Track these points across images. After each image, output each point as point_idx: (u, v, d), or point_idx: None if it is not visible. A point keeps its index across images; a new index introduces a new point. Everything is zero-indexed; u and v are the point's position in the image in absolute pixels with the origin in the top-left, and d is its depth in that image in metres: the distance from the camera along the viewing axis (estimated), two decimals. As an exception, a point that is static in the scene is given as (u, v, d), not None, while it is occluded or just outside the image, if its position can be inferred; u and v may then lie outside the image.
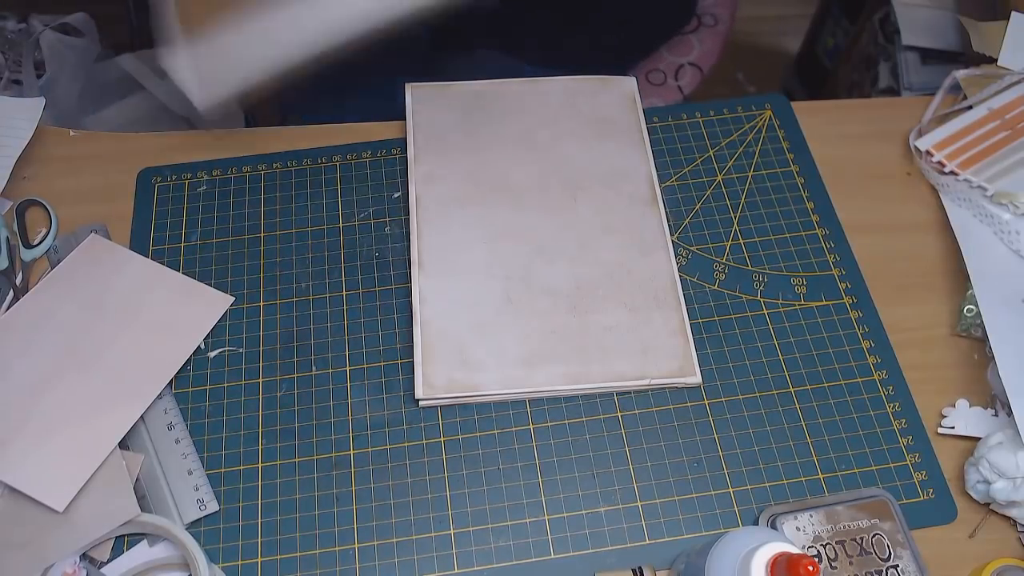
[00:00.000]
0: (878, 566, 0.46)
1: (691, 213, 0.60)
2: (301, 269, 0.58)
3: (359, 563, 0.48)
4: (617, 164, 0.61)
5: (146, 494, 0.49)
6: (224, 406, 0.52)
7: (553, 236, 0.58)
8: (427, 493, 0.50)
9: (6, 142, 0.60)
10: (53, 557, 0.46)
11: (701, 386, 0.53)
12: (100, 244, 0.57)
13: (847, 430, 0.51)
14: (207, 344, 0.55)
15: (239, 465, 0.51)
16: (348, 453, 0.51)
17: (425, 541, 0.48)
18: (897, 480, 0.50)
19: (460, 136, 0.62)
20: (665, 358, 0.53)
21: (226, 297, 0.56)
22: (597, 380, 0.52)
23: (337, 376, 0.53)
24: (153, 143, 0.63)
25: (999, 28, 0.68)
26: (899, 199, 0.61)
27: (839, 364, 0.54)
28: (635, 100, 0.65)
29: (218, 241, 0.59)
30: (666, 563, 0.47)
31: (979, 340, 0.55)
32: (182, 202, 0.60)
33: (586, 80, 0.65)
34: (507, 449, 0.51)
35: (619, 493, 0.50)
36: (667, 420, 0.52)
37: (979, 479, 0.48)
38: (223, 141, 0.64)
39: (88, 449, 0.49)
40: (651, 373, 0.52)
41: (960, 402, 0.52)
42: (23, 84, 0.98)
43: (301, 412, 0.52)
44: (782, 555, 0.35)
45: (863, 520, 0.47)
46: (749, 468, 0.50)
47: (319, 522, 0.49)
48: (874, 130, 0.64)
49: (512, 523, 0.49)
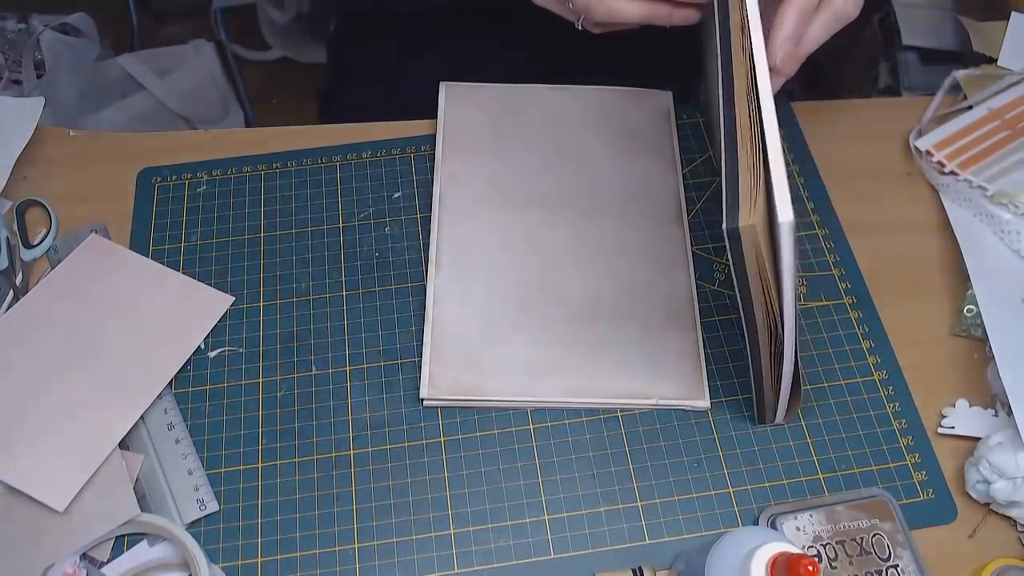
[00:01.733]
0: (878, 566, 0.46)
1: (692, 213, 0.60)
2: (301, 269, 0.58)
3: (359, 563, 0.48)
4: (645, 180, 0.60)
5: (146, 494, 0.49)
6: (224, 406, 0.52)
7: (573, 247, 0.57)
8: (427, 493, 0.50)
9: (6, 142, 0.60)
10: (53, 557, 0.46)
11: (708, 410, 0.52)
12: (100, 244, 0.57)
13: (847, 430, 0.51)
14: (207, 344, 0.55)
15: (239, 465, 0.51)
16: (348, 453, 0.51)
17: (425, 541, 0.48)
18: (897, 480, 0.50)
19: (488, 138, 0.62)
20: (675, 379, 0.52)
21: (226, 297, 0.56)
22: (603, 396, 0.52)
23: (337, 376, 0.53)
24: (153, 143, 0.63)
25: (999, 28, 0.68)
26: (899, 199, 0.61)
27: (839, 364, 0.54)
28: (670, 115, 0.64)
29: (218, 241, 0.59)
30: (666, 563, 0.47)
31: (979, 340, 0.55)
32: (182, 202, 0.60)
33: (621, 91, 0.65)
34: (507, 449, 0.51)
35: (619, 493, 0.50)
36: (667, 420, 0.52)
37: (979, 479, 0.48)
38: (223, 141, 0.64)
39: (88, 449, 0.49)
40: (659, 393, 0.52)
41: (960, 402, 0.52)
42: (23, 84, 0.98)
43: (301, 412, 0.52)
44: (782, 555, 0.35)
45: (863, 520, 0.47)
46: (749, 468, 0.50)
47: (319, 522, 0.49)
48: (874, 130, 0.64)
49: (512, 523, 0.49)
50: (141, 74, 1.06)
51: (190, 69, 1.10)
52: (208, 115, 1.11)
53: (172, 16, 1.43)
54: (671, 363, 0.53)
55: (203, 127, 1.08)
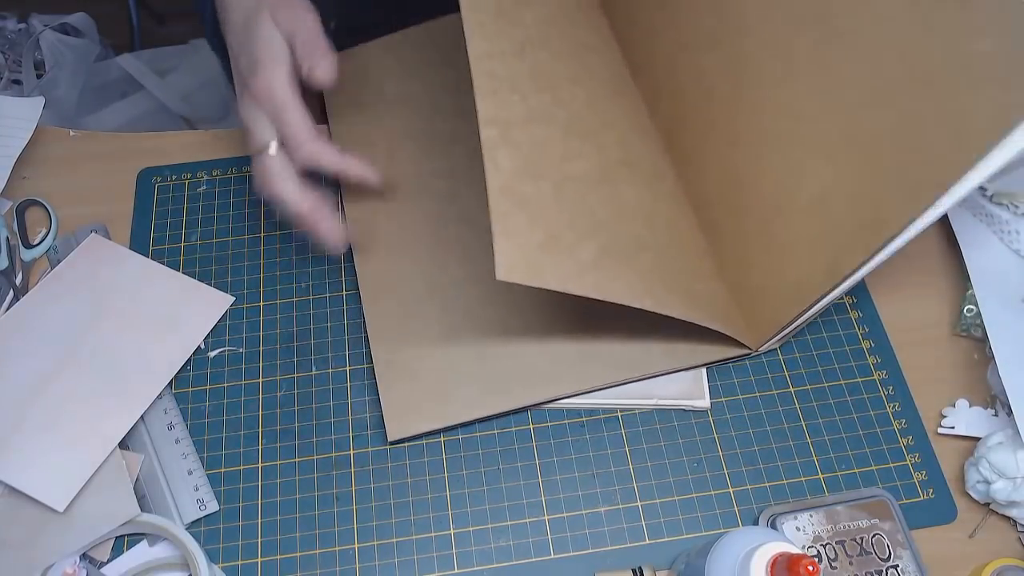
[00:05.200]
0: (878, 566, 0.46)
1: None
2: (301, 269, 0.58)
3: (359, 563, 0.48)
4: None
5: (146, 494, 0.49)
6: (224, 406, 0.53)
7: None
8: (427, 493, 0.50)
9: (6, 142, 0.60)
10: (53, 557, 0.46)
11: (708, 410, 0.52)
12: (100, 244, 0.57)
13: (847, 430, 0.51)
14: (207, 344, 0.55)
15: (239, 465, 0.51)
16: (348, 453, 0.51)
17: (425, 541, 0.48)
18: (897, 480, 0.50)
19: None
20: (675, 379, 0.52)
21: (226, 297, 0.56)
22: (601, 395, 0.51)
23: (337, 376, 0.53)
24: (153, 143, 0.63)
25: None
26: (899, 199, 0.61)
27: (839, 364, 0.54)
28: None
29: (218, 241, 0.59)
30: (666, 563, 0.47)
31: (979, 340, 0.55)
32: (182, 202, 0.60)
33: None
34: (507, 449, 0.51)
35: (619, 493, 0.50)
36: (667, 420, 0.52)
37: (979, 479, 0.48)
38: (223, 141, 0.64)
39: (88, 449, 0.49)
40: (658, 393, 0.52)
41: (960, 402, 0.52)
42: (23, 84, 0.98)
43: (301, 412, 0.52)
44: (782, 555, 0.35)
45: (863, 520, 0.47)
46: (749, 468, 0.50)
47: (319, 522, 0.49)
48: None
49: (512, 523, 0.49)
50: (141, 74, 1.06)
51: (190, 69, 1.10)
52: (208, 115, 1.11)
53: (172, 16, 1.43)
54: None
55: (203, 127, 1.08)
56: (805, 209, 0.46)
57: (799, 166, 0.46)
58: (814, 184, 0.45)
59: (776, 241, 0.48)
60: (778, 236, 0.48)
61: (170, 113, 1.07)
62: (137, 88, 1.06)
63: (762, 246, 0.49)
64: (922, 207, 0.39)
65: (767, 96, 0.47)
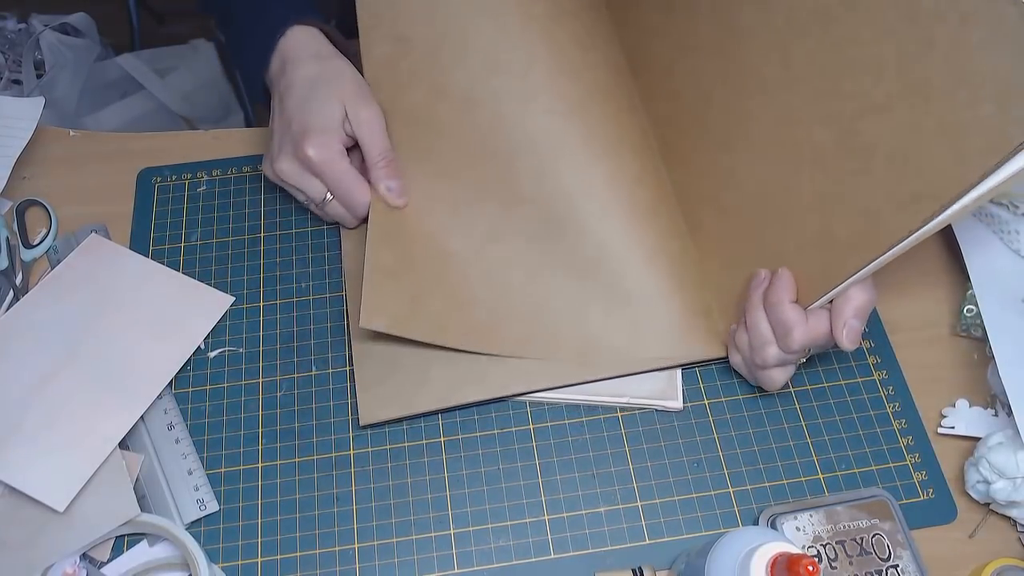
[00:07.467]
0: (878, 566, 0.46)
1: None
2: (301, 269, 0.58)
3: (359, 563, 0.48)
4: None
5: (146, 494, 0.49)
6: (224, 406, 0.53)
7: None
8: (427, 493, 0.50)
9: (6, 142, 0.60)
10: (53, 557, 0.46)
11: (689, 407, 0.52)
12: (100, 244, 0.57)
13: (847, 430, 0.51)
14: (207, 344, 0.55)
15: (239, 465, 0.51)
16: (348, 453, 0.51)
17: (425, 541, 0.48)
18: (897, 480, 0.50)
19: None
20: (648, 378, 0.52)
21: (226, 297, 0.56)
22: (572, 391, 0.52)
23: (337, 376, 0.53)
24: (153, 143, 0.63)
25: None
26: (899, 199, 0.61)
27: (839, 364, 0.54)
28: None
29: (218, 241, 0.59)
30: (666, 563, 0.47)
31: (979, 340, 0.55)
32: (182, 202, 0.60)
33: None
34: (507, 449, 0.51)
35: (619, 493, 0.50)
36: (667, 420, 0.52)
37: (979, 479, 0.48)
38: (223, 141, 0.64)
39: (88, 449, 0.49)
40: (630, 391, 0.52)
41: (960, 402, 0.52)
42: (23, 84, 0.98)
43: (301, 412, 0.52)
44: (782, 555, 0.35)
45: (863, 520, 0.47)
46: (749, 468, 0.50)
47: (319, 522, 0.49)
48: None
49: (512, 523, 0.49)
50: (141, 74, 1.06)
51: (190, 69, 1.10)
52: (208, 115, 1.11)
53: (172, 16, 1.43)
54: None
55: (203, 127, 1.08)
56: (799, 217, 0.46)
57: (794, 173, 0.46)
58: (808, 192, 0.45)
59: (768, 249, 0.48)
60: (770, 244, 0.48)
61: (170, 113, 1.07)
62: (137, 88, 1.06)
63: (753, 253, 0.49)
64: (920, 220, 0.39)
65: (764, 102, 0.47)
